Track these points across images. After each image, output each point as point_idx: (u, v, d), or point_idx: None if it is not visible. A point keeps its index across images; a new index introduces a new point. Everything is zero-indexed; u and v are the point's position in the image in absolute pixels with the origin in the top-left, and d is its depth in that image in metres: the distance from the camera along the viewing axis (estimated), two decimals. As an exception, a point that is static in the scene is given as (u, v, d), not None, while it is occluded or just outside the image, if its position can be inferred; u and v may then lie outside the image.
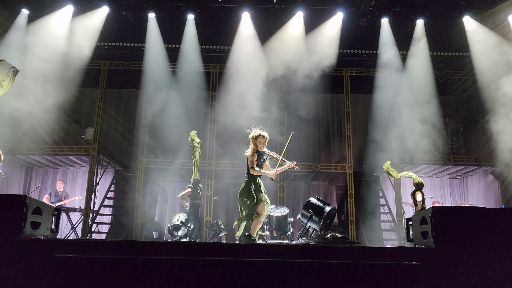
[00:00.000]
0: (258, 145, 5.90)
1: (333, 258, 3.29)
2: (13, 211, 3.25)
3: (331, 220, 7.43)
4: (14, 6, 9.68)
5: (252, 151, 5.89)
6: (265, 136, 5.95)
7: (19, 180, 11.33)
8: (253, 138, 5.94)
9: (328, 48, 10.02)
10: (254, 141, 5.92)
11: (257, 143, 5.90)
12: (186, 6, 9.75)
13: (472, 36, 9.83)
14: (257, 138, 5.91)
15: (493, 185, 10.80)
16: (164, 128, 10.54)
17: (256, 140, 5.90)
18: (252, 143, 5.95)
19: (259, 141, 5.90)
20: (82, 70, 10.03)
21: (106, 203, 10.57)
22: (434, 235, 3.31)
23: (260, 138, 5.90)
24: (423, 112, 9.78)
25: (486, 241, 3.23)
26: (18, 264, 3.05)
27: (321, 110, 11.22)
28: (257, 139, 5.90)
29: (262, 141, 5.91)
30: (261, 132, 5.95)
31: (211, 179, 9.96)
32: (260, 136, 5.91)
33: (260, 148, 5.92)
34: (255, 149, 5.90)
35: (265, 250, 3.64)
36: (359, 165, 11.38)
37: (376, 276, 2.94)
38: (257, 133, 5.93)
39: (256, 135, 5.92)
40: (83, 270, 2.91)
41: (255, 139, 5.91)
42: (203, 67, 10.65)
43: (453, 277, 3.08)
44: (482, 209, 3.58)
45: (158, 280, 2.90)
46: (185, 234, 7.86)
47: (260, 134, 5.92)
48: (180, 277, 2.92)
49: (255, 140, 5.91)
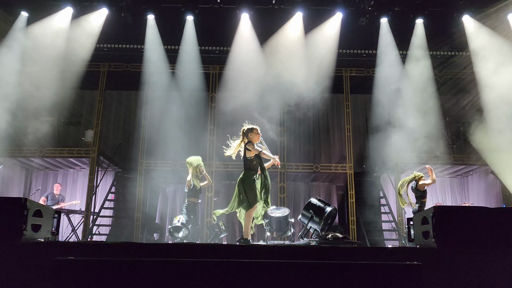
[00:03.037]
0: (254, 137, 5.91)
1: (334, 258, 3.28)
2: (13, 213, 3.25)
3: (331, 221, 7.42)
4: (13, 9, 9.69)
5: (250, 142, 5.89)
6: (257, 128, 5.98)
7: (20, 182, 11.33)
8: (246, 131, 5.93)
9: (327, 48, 10.03)
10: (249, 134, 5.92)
11: (253, 135, 5.91)
12: (185, 7, 9.75)
13: (471, 35, 9.83)
14: (252, 130, 5.92)
15: (493, 184, 10.79)
16: (164, 129, 10.54)
17: (252, 132, 5.91)
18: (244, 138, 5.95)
19: (255, 133, 5.92)
20: (82, 72, 10.04)
21: (106, 205, 10.57)
22: (435, 235, 3.31)
23: (255, 130, 5.93)
24: (423, 112, 9.78)
25: (487, 240, 3.23)
26: (19, 267, 3.04)
27: (321, 110, 11.22)
28: (252, 131, 5.92)
29: (257, 132, 5.94)
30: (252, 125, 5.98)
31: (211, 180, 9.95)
32: (254, 128, 5.93)
33: (255, 141, 5.93)
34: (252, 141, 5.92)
35: (266, 251, 3.63)
36: (360, 165, 11.39)
37: (377, 277, 2.93)
38: (249, 126, 5.96)
39: (250, 128, 5.94)
40: (84, 273, 2.90)
41: (250, 131, 5.91)
42: (203, 68, 10.65)
43: (455, 277, 3.08)
44: (483, 209, 3.57)
45: (159, 281, 2.90)
46: (186, 235, 7.85)
47: (254, 127, 5.95)
48: (182, 278, 2.92)
49: (251, 132, 5.91)
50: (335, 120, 12.10)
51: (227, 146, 6.22)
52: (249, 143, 5.89)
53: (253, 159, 5.88)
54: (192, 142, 10.17)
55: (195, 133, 10.47)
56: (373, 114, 10.66)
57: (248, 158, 5.90)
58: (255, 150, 5.84)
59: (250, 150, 5.85)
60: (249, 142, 5.91)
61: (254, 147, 5.85)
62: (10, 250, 3.11)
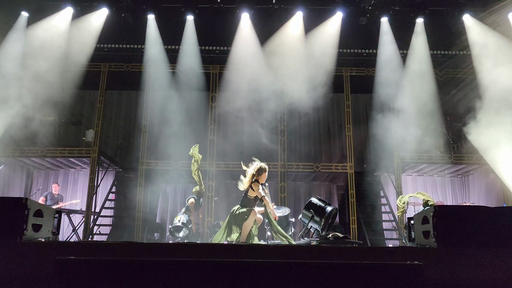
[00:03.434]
0: (262, 178, 5.92)
1: (334, 258, 3.28)
2: (14, 213, 3.25)
3: (332, 220, 7.42)
4: (14, 9, 9.69)
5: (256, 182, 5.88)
6: (267, 169, 5.98)
7: (20, 182, 11.34)
8: (257, 171, 5.93)
9: (327, 48, 10.02)
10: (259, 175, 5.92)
11: (262, 176, 5.91)
12: (185, 7, 9.76)
13: (472, 34, 9.82)
14: (263, 171, 5.91)
15: (494, 183, 10.77)
16: (164, 129, 10.54)
17: (263, 173, 5.92)
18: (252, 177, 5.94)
19: (264, 174, 5.94)
20: (82, 72, 10.05)
21: (107, 205, 10.57)
22: (436, 235, 3.30)
23: (265, 171, 5.94)
24: (423, 111, 9.77)
25: (488, 240, 3.23)
26: (19, 267, 3.04)
27: (321, 109, 11.21)
28: (264, 172, 5.92)
29: (265, 173, 5.96)
30: (264, 165, 5.99)
31: (211, 180, 9.96)
32: (264, 170, 5.94)
33: (262, 181, 5.93)
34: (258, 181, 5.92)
35: (267, 250, 3.63)
36: (360, 165, 11.38)
37: (378, 276, 2.93)
38: (263, 166, 5.97)
39: (262, 168, 5.94)
40: (85, 272, 2.91)
41: (261, 172, 5.92)
42: (203, 68, 10.65)
43: (455, 276, 3.07)
44: (484, 208, 3.57)
45: (160, 281, 2.90)
46: (186, 235, 7.86)
47: (265, 168, 5.97)
48: (182, 278, 2.92)
49: (261, 173, 5.92)
50: (335, 120, 12.09)
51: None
52: (255, 183, 5.87)
53: (252, 200, 5.88)
54: (193, 141, 10.13)
55: (196, 132, 10.48)
56: (373, 113, 10.65)
57: (249, 197, 5.90)
58: (258, 193, 5.83)
59: (254, 191, 5.85)
60: (255, 181, 5.89)
61: (258, 189, 5.83)
62: (11, 249, 3.12)
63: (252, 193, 5.84)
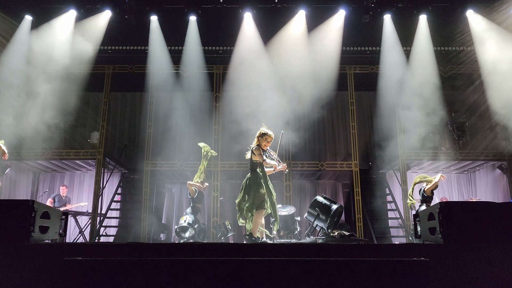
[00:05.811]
0: (263, 143, 5.93)
1: (340, 256, 3.28)
2: (21, 215, 3.28)
3: (338, 218, 7.42)
4: (18, 12, 9.75)
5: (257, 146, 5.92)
6: (271, 135, 5.98)
7: (27, 185, 11.41)
8: (260, 135, 5.96)
9: (331, 46, 10.01)
10: (260, 138, 5.94)
11: (263, 140, 5.92)
12: (188, 8, 9.77)
13: (475, 30, 9.78)
14: (263, 136, 5.93)
15: (501, 179, 10.72)
16: (169, 130, 10.57)
17: (263, 138, 5.93)
18: (257, 140, 5.97)
19: (265, 139, 5.93)
20: (86, 75, 10.10)
21: (113, 206, 10.61)
22: (442, 231, 3.29)
23: (267, 136, 5.94)
24: (428, 108, 9.73)
25: (494, 236, 3.21)
26: (27, 269, 3.07)
27: (325, 108, 11.19)
28: (263, 136, 5.93)
29: (269, 139, 5.96)
30: (268, 130, 5.98)
31: (217, 180, 9.98)
32: (267, 135, 5.94)
33: (264, 146, 5.95)
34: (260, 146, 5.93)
35: (273, 249, 3.63)
36: (365, 163, 11.36)
37: (384, 273, 2.93)
38: (264, 131, 5.96)
39: (263, 133, 5.95)
40: (92, 273, 2.93)
41: (262, 136, 5.94)
42: (207, 68, 10.67)
43: (462, 273, 3.07)
44: (490, 204, 3.56)
45: (167, 281, 2.91)
46: (192, 235, 7.88)
47: (268, 133, 5.95)
48: (189, 277, 2.93)
49: (262, 138, 5.94)
50: (340, 118, 12.07)
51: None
52: (256, 148, 5.91)
53: (258, 163, 5.92)
54: (197, 141, 10.18)
55: (200, 133, 10.49)
56: (378, 111, 10.62)
57: (254, 161, 5.93)
58: (260, 157, 5.86)
59: (255, 155, 5.88)
60: (257, 146, 5.92)
61: (259, 153, 5.86)
62: (18, 251, 3.14)
63: (255, 158, 5.89)
